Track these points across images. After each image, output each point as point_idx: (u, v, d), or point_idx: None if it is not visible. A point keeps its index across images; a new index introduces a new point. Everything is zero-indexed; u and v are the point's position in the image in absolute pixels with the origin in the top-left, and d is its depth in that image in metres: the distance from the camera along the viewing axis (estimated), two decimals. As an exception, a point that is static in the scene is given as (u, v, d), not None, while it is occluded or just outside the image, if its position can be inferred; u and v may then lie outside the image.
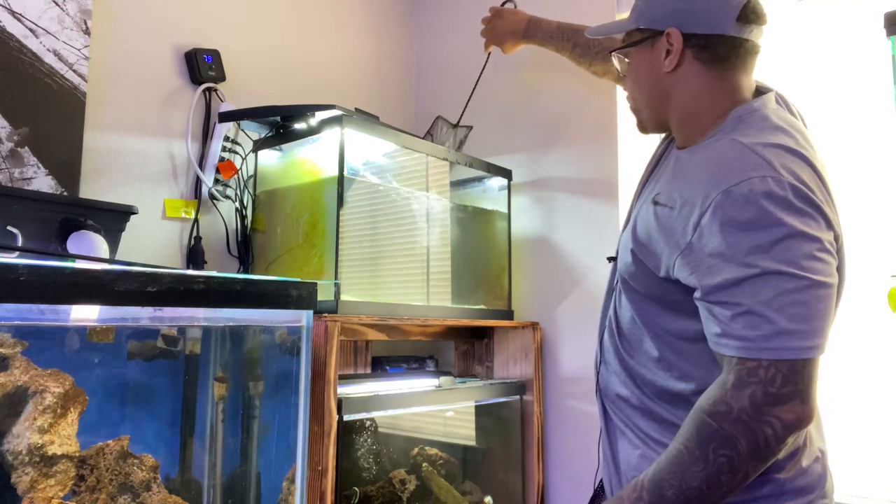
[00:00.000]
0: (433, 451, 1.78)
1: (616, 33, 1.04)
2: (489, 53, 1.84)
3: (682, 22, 0.93)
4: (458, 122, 1.99)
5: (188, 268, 1.75)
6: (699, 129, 0.96)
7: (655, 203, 0.93)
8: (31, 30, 1.50)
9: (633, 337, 1.00)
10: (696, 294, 0.86)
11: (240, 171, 1.84)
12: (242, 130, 1.88)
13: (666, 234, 0.89)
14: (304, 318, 1.32)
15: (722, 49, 0.94)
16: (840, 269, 0.89)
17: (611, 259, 1.10)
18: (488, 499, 1.83)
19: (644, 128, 1.07)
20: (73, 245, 1.26)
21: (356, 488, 1.56)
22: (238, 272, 1.83)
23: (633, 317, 0.99)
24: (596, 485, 1.20)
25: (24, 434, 0.98)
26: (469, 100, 1.97)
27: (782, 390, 0.79)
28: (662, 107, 1.00)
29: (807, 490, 0.89)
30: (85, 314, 1.04)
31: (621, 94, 1.93)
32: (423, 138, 1.95)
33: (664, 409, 0.96)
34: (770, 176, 0.82)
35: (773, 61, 1.71)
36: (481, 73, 1.94)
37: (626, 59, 1.03)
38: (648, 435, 0.97)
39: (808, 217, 0.82)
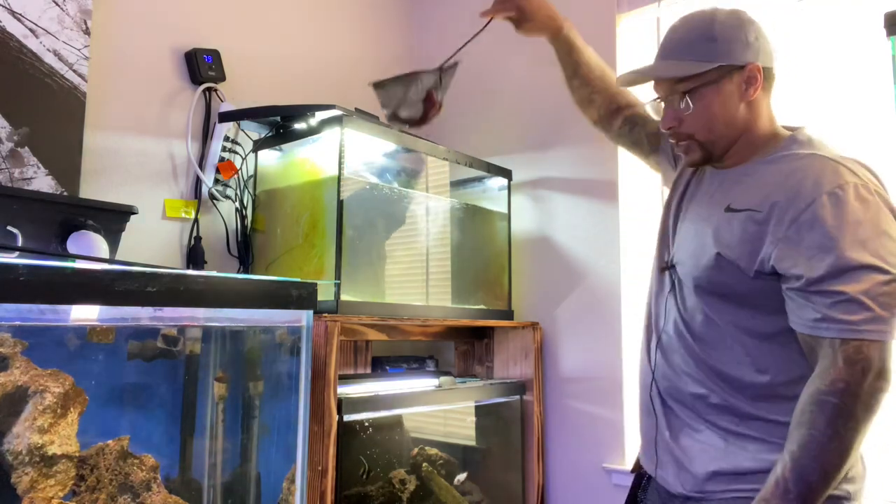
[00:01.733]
0: (433, 451, 1.78)
1: (691, 72, 1.07)
2: (490, 20, 1.46)
3: (757, 57, 1.07)
4: (443, 64, 1.48)
5: (188, 268, 1.75)
6: (753, 148, 1.09)
7: (734, 210, 1.04)
8: (31, 30, 1.50)
9: (710, 337, 1.08)
10: (794, 284, 0.96)
11: (240, 171, 1.84)
12: (242, 130, 1.88)
13: (759, 234, 1.00)
14: (304, 318, 1.32)
15: (773, 80, 1.11)
16: None
17: (664, 269, 1.17)
18: (461, 476, 1.82)
19: (708, 159, 1.13)
20: (73, 245, 1.26)
21: (363, 458, 1.56)
22: (238, 272, 1.83)
23: (709, 317, 1.07)
24: (634, 481, 1.23)
25: (24, 434, 0.98)
26: (460, 49, 1.50)
27: (879, 366, 0.91)
28: (736, 134, 1.09)
29: (857, 479, 1.02)
30: (85, 314, 1.04)
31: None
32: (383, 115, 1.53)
33: (746, 403, 1.04)
34: (860, 184, 0.96)
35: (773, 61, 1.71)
36: (476, 34, 1.52)
37: (690, 99, 1.09)
38: (728, 430, 1.05)
39: (891, 221, 0.96)
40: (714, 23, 1.07)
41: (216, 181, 1.81)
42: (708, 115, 1.08)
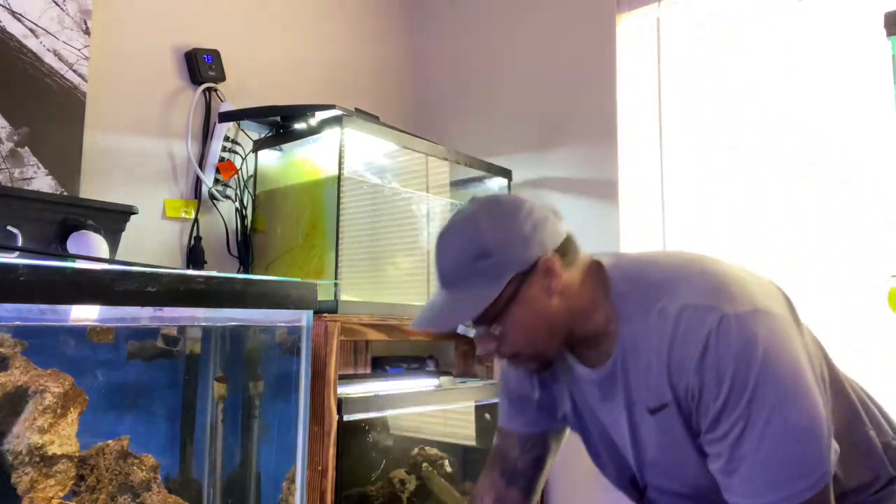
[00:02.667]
0: (433, 451, 1.78)
1: (484, 305, 0.92)
2: None
3: (544, 247, 0.93)
4: None
5: (188, 268, 1.75)
6: (598, 334, 0.96)
7: (655, 411, 0.91)
8: (31, 30, 1.50)
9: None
10: (706, 449, 0.86)
11: (240, 171, 1.84)
12: (242, 130, 1.88)
13: (690, 414, 0.89)
14: (304, 318, 1.32)
15: (571, 246, 0.97)
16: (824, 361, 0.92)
17: (641, 492, 1.03)
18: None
19: (549, 364, 1.01)
20: (73, 245, 1.26)
21: (381, 458, 1.56)
22: (238, 272, 1.83)
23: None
24: None
25: (24, 434, 0.98)
26: None
27: None
28: (564, 327, 0.96)
29: None
30: (85, 314, 1.04)
31: (622, 94, 1.93)
32: None
33: None
34: (724, 317, 0.83)
35: (774, 61, 1.71)
36: None
37: (497, 323, 0.95)
38: None
39: (782, 343, 0.83)
40: (479, 234, 0.92)
41: (216, 181, 1.81)
42: (522, 330, 0.94)
